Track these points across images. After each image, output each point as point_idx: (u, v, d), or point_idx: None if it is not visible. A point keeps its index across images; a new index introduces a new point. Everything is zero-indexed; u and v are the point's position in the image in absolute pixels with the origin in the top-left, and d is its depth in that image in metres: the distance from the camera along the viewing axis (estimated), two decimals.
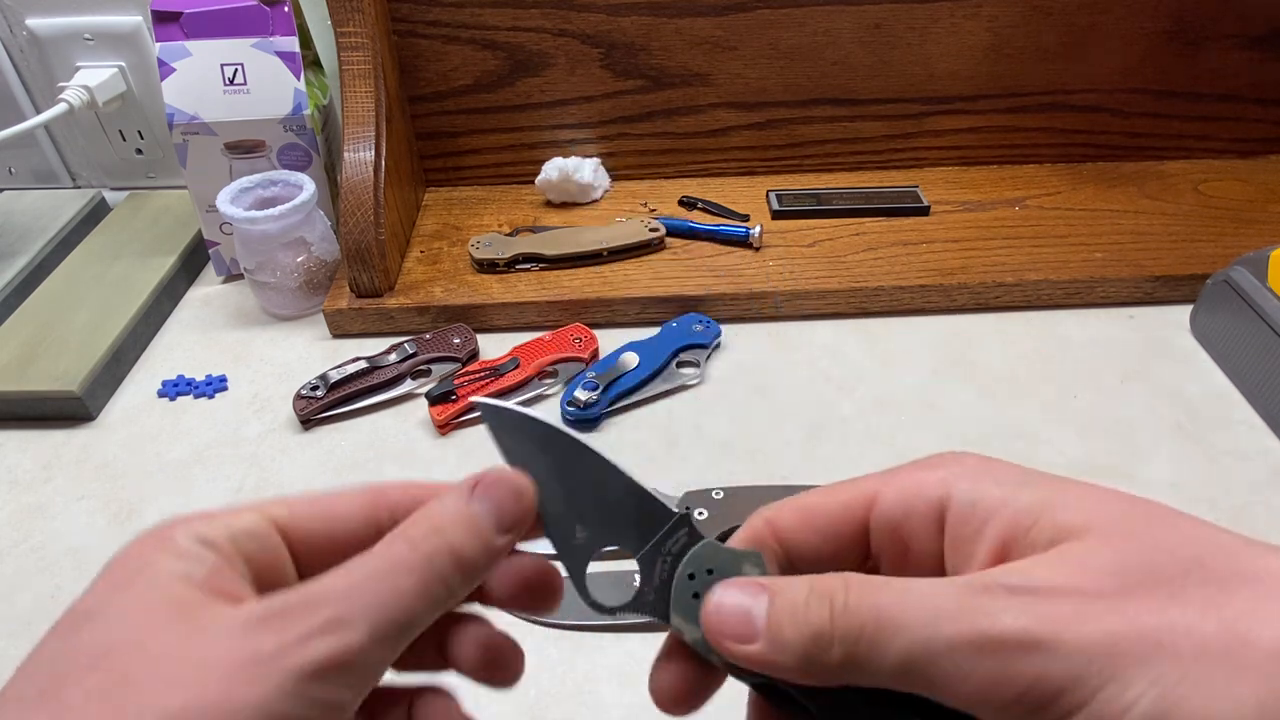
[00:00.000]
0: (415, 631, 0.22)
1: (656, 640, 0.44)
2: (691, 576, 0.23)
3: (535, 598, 0.25)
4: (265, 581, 0.22)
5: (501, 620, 0.26)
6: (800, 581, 0.21)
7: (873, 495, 0.23)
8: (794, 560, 0.24)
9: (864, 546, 0.24)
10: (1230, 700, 0.17)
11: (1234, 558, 0.19)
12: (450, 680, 0.27)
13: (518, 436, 0.24)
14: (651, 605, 0.23)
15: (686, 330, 0.61)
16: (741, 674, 0.22)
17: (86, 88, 0.72)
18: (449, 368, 0.60)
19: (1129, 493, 0.21)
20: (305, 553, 0.24)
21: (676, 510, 0.24)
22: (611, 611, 0.24)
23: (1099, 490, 0.21)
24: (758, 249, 0.68)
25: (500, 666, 0.26)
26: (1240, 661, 0.17)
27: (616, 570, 0.24)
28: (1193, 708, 0.17)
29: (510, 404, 0.25)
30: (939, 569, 0.22)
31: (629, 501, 0.24)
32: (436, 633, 0.25)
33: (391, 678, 0.25)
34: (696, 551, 0.23)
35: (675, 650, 0.24)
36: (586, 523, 0.24)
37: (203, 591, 0.21)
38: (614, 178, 0.78)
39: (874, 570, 0.23)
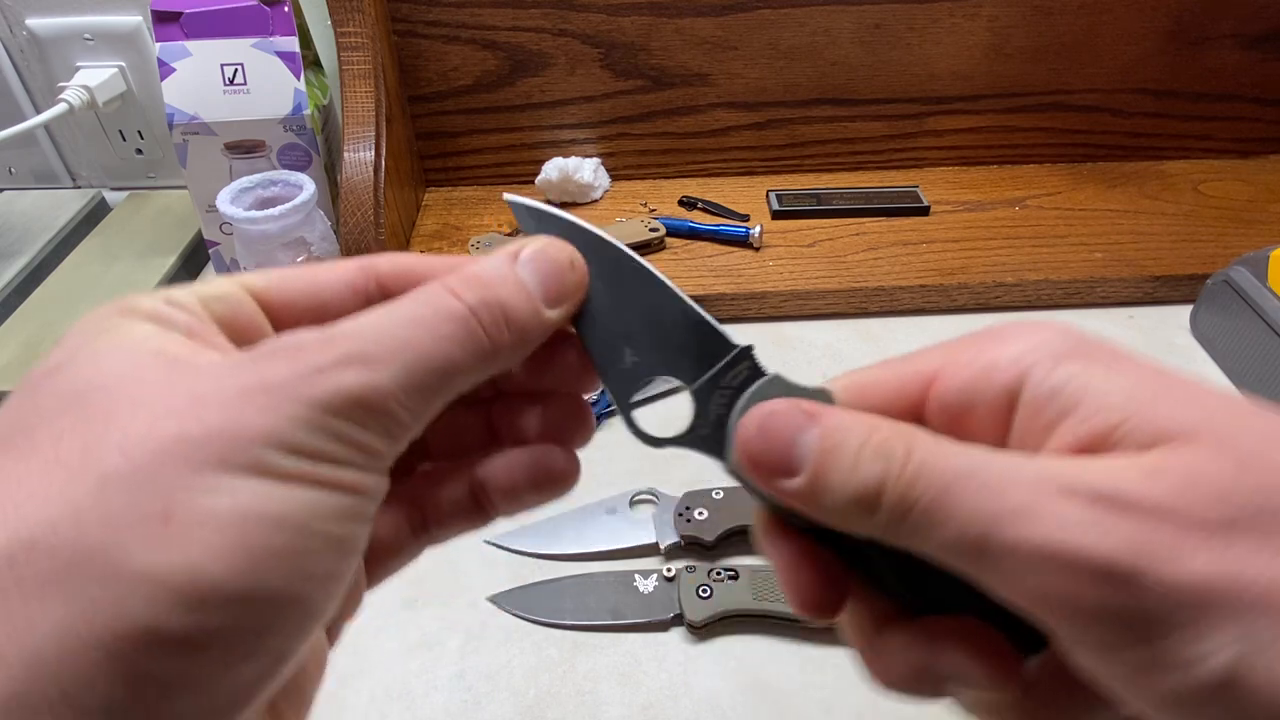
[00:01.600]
0: (454, 388, 0.19)
1: (657, 640, 0.45)
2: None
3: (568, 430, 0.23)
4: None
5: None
6: (858, 424, 0.18)
7: (933, 373, 0.20)
8: None
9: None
10: None
11: None
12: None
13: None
14: (705, 440, 0.21)
15: None
16: (792, 516, 0.20)
17: (86, 88, 0.72)
18: None
19: (1238, 396, 0.18)
20: (288, 323, 0.21)
21: (738, 343, 0.21)
22: (659, 443, 0.22)
23: (1205, 389, 0.18)
24: (758, 249, 0.68)
25: (572, 423, 0.23)
26: None
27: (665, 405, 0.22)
28: (1277, 675, 0.15)
29: (551, 208, 0.22)
30: None
31: (686, 328, 0.21)
32: (482, 414, 0.23)
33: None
34: (760, 386, 0.21)
35: (787, 546, 0.21)
36: (637, 346, 0.21)
37: (182, 344, 0.18)
38: (614, 178, 0.78)
39: None
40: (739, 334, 0.21)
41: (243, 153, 0.66)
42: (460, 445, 0.24)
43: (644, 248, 0.68)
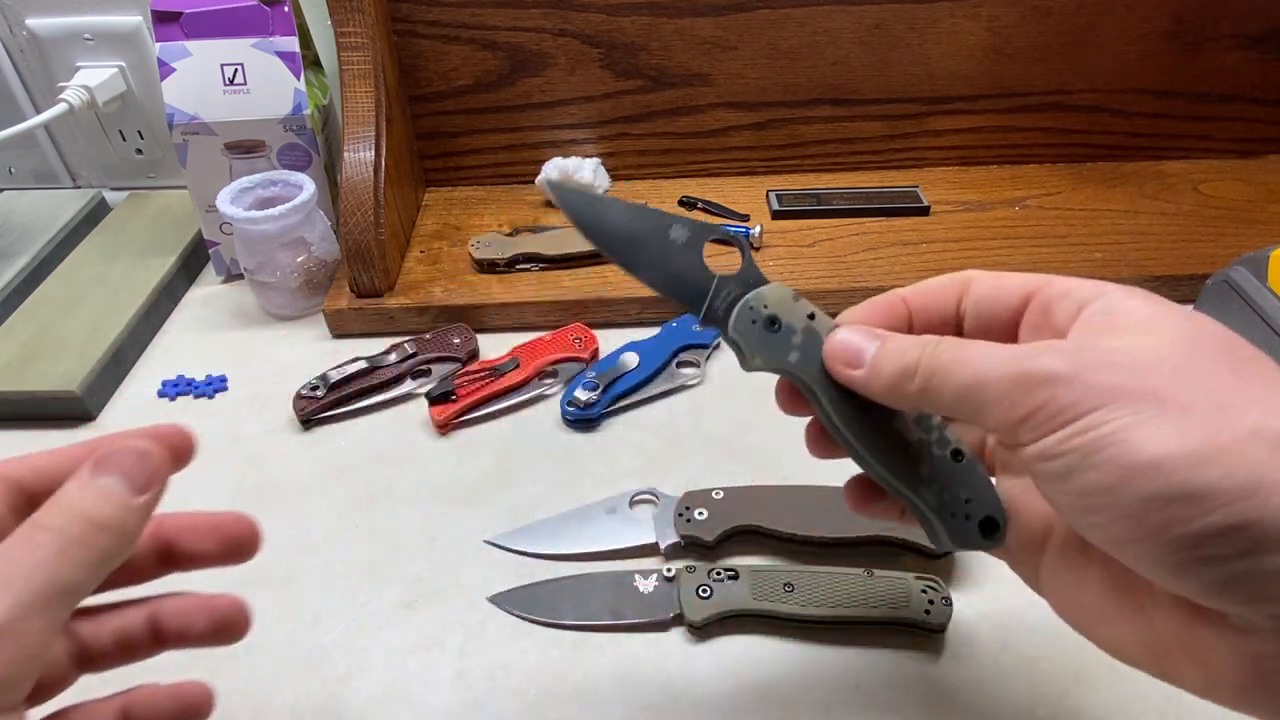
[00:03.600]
0: (73, 597, 0.23)
1: (657, 640, 0.45)
2: (751, 308, 0.31)
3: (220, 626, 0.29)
4: None
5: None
6: (907, 336, 0.28)
7: (967, 279, 0.31)
8: (973, 302, 0.30)
9: (1023, 304, 0.29)
10: (1174, 436, 0.21)
11: (1264, 369, 0.23)
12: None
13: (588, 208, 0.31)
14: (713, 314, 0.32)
15: (686, 330, 0.61)
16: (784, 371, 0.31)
17: (86, 88, 0.72)
18: (449, 368, 0.60)
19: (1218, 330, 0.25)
20: None
21: (713, 278, 0.31)
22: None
23: (1202, 325, 0.25)
24: (758, 249, 0.68)
25: (229, 626, 0.29)
26: (1202, 419, 0.21)
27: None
28: (1142, 433, 0.22)
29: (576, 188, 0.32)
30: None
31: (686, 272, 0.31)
32: (146, 621, 0.28)
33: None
34: (760, 292, 0.32)
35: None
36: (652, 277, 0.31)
37: None
38: (614, 178, 0.78)
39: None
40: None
41: (243, 153, 0.66)
42: (126, 645, 0.28)
43: None
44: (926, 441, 0.30)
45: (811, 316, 0.31)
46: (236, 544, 0.29)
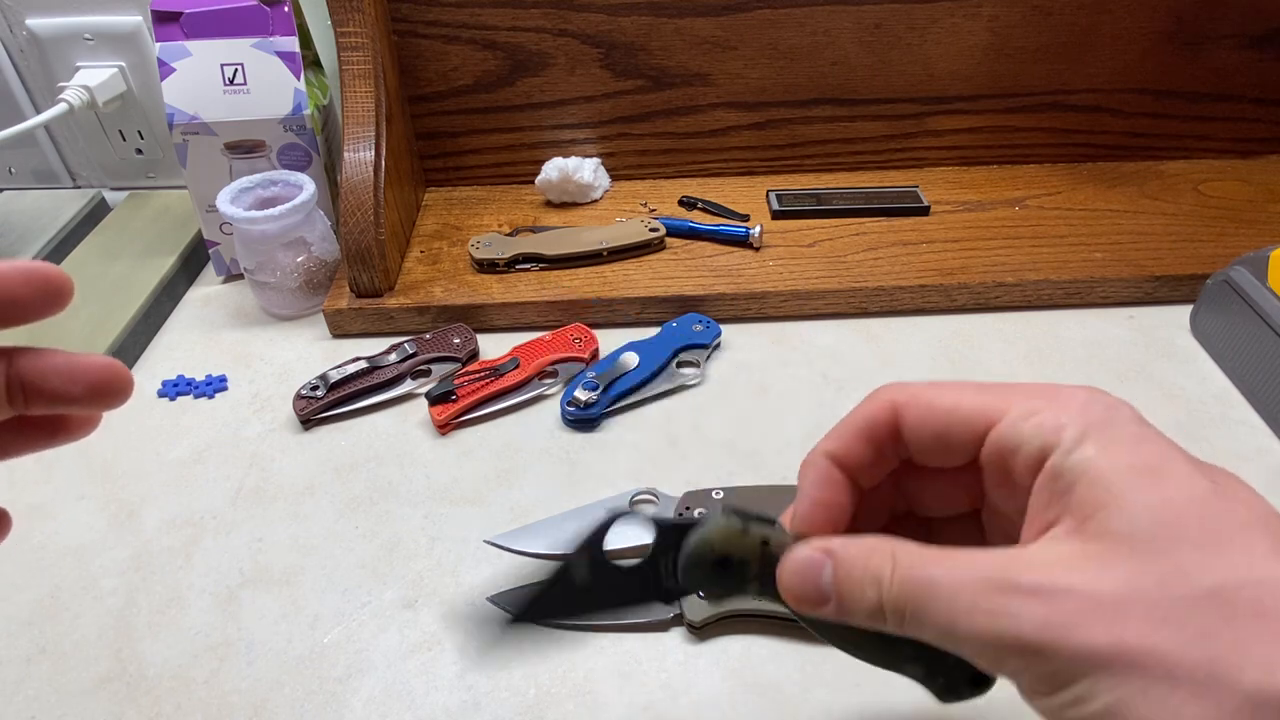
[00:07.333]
0: None
1: (657, 640, 0.45)
2: (700, 556, 0.28)
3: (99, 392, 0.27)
4: None
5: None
6: (857, 549, 0.25)
7: (998, 415, 0.26)
8: (910, 442, 0.27)
9: (975, 452, 0.26)
10: (1170, 715, 0.19)
11: (1261, 593, 0.20)
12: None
13: None
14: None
15: (686, 330, 0.61)
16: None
17: (86, 88, 0.72)
18: (449, 368, 0.60)
19: (1222, 494, 0.22)
20: None
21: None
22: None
23: (1177, 489, 0.22)
24: (758, 249, 0.68)
25: (105, 387, 0.27)
26: (1200, 690, 0.19)
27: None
28: (1136, 715, 0.20)
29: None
30: (1024, 503, 0.25)
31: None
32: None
33: None
34: (703, 535, 0.28)
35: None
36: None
37: None
38: (614, 178, 0.78)
39: (979, 476, 0.27)
40: (740, 336, 0.22)
41: (243, 153, 0.66)
42: None
43: (644, 247, 0.68)
44: None
45: (765, 543, 0.27)
46: (102, 386, 0.26)
